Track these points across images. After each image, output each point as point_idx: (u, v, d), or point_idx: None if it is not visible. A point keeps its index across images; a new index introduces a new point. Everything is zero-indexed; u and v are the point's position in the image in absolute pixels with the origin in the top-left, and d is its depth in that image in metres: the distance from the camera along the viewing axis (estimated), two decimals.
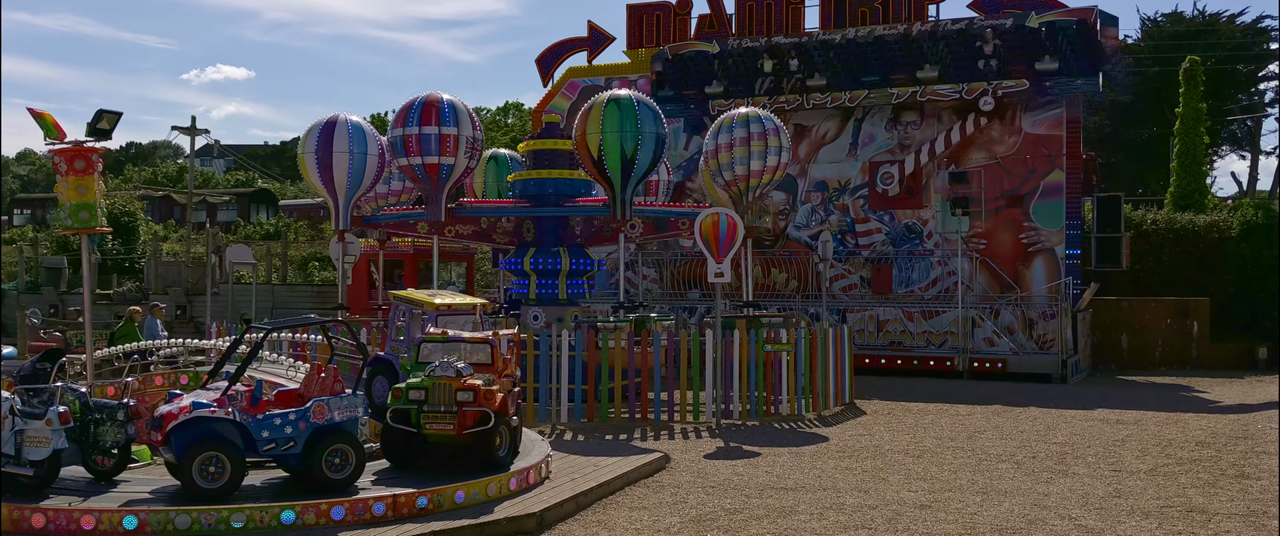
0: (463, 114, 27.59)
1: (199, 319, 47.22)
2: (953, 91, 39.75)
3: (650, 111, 27.32)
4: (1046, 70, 38.51)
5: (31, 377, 15.75)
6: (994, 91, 39.21)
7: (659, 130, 27.34)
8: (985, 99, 39.31)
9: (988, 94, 39.26)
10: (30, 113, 18.44)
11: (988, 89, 39.25)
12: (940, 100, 40.44)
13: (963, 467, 19.96)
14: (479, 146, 28.10)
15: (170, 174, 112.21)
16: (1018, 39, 38.65)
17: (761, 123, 29.14)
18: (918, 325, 38.99)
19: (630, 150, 26.92)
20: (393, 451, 16.82)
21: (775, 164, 29.19)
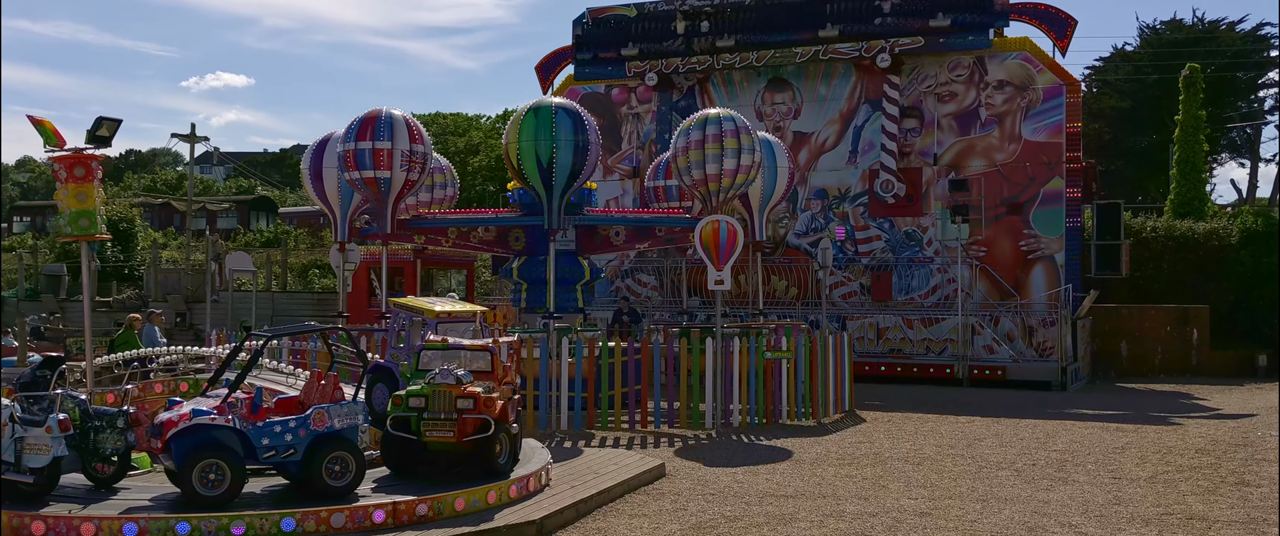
0: (399, 128, 27.84)
1: (199, 326, 47.18)
2: (852, 49, 41.16)
3: (569, 119, 27.13)
4: (939, 26, 40.06)
5: (31, 385, 15.76)
6: (891, 48, 40.60)
7: (579, 137, 27.14)
8: (882, 56, 40.75)
9: (885, 51, 40.67)
10: (30, 120, 18.43)
11: (885, 46, 40.68)
12: (840, 57, 41.69)
13: (963, 475, 19.96)
14: (420, 158, 28.23)
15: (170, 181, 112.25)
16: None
17: (720, 123, 28.73)
18: (917, 332, 38.99)
19: (546, 157, 26.97)
20: (393, 459, 16.81)
21: (735, 165, 28.66)
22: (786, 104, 42.75)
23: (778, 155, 29.80)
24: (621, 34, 44.46)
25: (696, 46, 43.05)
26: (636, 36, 44.20)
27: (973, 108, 40.21)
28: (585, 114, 27.77)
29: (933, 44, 40.34)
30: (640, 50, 43.85)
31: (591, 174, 28.03)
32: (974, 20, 39.77)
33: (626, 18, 44.52)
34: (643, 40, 44.02)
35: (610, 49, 44.54)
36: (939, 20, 39.91)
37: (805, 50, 41.76)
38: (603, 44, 44.69)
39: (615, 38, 44.53)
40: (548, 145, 26.83)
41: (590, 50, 44.87)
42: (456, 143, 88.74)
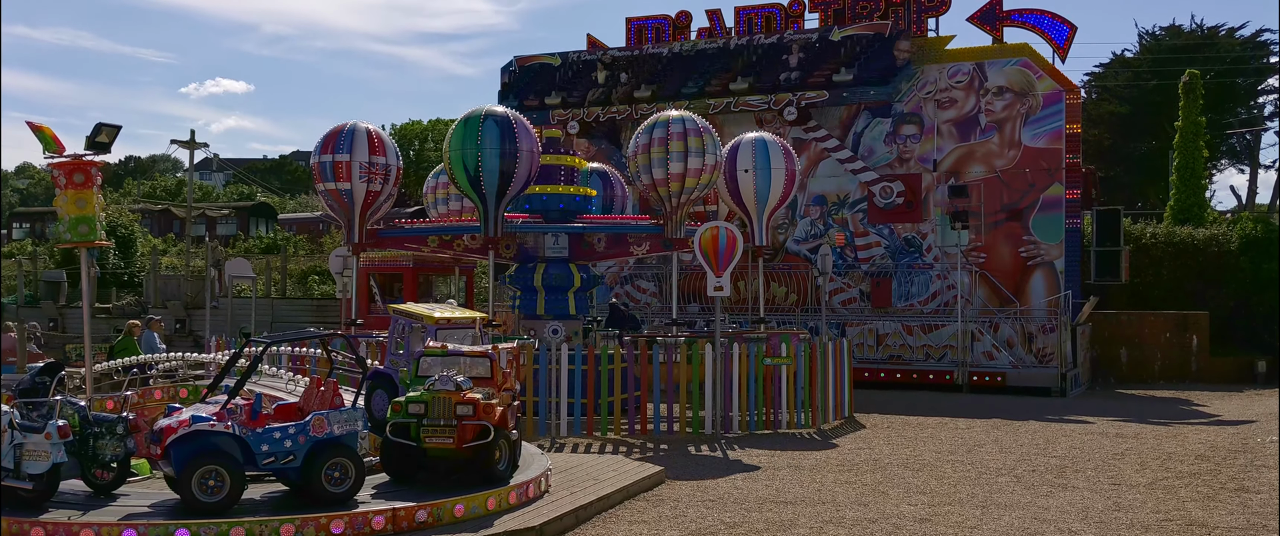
0: (360, 140, 28.07)
1: (198, 332, 47.21)
2: (762, 102, 41.82)
3: (497, 127, 27.17)
4: (843, 81, 40.95)
5: (31, 391, 15.74)
6: (798, 102, 41.37)
7: (507, 146, 27.14)
8: (789, 109, 41.53)
9: (791, 104, 41.46)
10: (29, 126, 18.46)
11: (792, 99, 41.46)
12: (750, 110, 42.30)
13: (962, 481, 19.96)
14: (381, 170, 28.36)
15: (169, 187, 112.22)
16: (820, 52, 41.76)
17: (667, 126, 28.52)
18: (917, 339, 39.02)
19: (472, 166, 27.09)
20: (392, 465, 16.80)
21: (683, 168, 28.30)
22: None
23: (773, 156, 29.44)
24: (546, 82, 45.55)
25: (615, 96, 44.02)
26: (560, 85, 45.26)
27: (972, 114, 40.21)
28: (520, 121, 27.81)
29: (836, 97, 41.28)
30: (563, 99, 44.68)
31: (527, 181, 27.92)
32: (876, 74, 40.68)
33: (551, 66, 45.83)
34: (565, 89, 44.98)
35: (535, 96, 45.24)
36: (842, 75, 40.91)
37: (717, 102, 42.42)
38: (528, 91, 45.47)
39: (540, 86, 45.51)
40: (474, 154, 27.02)
41: (516, 97, 45.25)
42: None
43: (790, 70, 41.51)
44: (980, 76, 40.19)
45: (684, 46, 43.67)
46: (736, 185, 29.41)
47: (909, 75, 40.65)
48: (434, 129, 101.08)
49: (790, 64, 41.58)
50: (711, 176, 28.42)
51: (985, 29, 40.56)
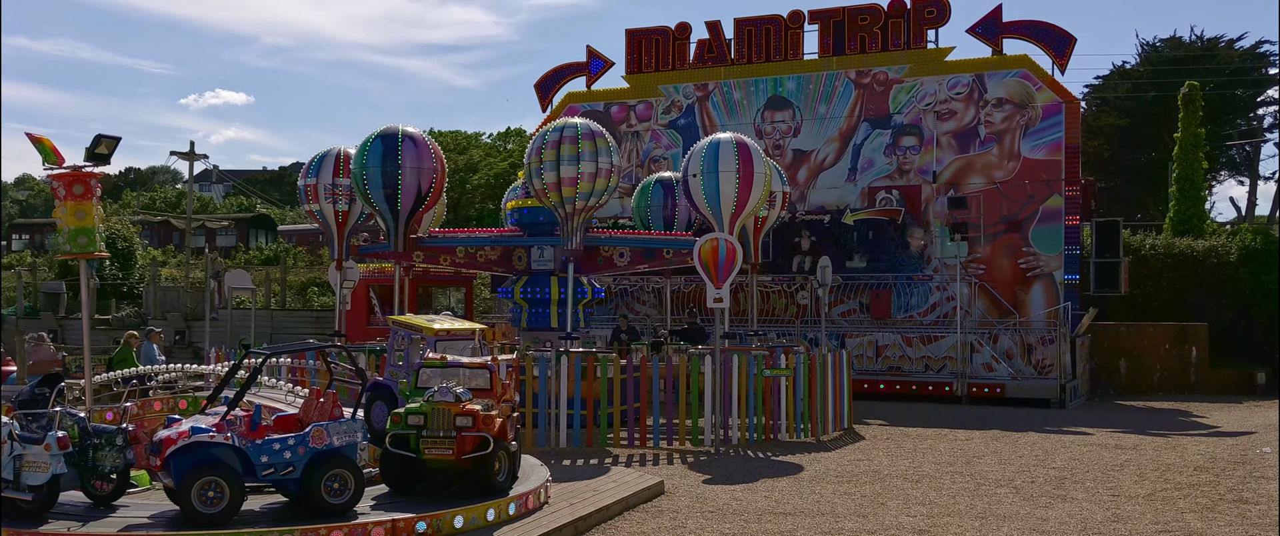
0: (326, 164, 29.61)
1: (198, 344, 47.21)
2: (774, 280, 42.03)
3: (381, 147, 28.00)
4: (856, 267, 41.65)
5: (30, 402, 15.77)
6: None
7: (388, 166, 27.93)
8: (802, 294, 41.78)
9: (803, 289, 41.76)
10: (29, 137, 18.45)
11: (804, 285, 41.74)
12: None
13: (961, 493, 19.97)
14: (346, 190, 29.38)
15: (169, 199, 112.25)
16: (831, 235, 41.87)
17: (562, 130, 28.52)
18: (916, 350, 38.99)
19: (361, 185, 28.05)
20: (392, 476, 16.82)
21: (575, 173, 28.13)
22: (786, 122, 42.79)
23: (722, 158, 28.46)
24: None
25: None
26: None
27: (972, 125, 40.25)
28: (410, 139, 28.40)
29: None
30: None
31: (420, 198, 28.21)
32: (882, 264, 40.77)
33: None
34: None
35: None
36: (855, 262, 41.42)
37: None
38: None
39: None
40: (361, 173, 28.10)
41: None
42: (455, 160, 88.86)
43: (803, 254, 41.60)
44: (980, 88, 40.23)
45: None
46: (689, 191, 28.90)
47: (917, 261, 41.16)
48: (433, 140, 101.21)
49: (802, 247, 41.71)
50: (609, 181, 28.43)
51: (984, 40, 40.57)
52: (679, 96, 44.41)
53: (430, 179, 28.38)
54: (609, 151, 28.50)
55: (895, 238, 40.54)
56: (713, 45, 44.41)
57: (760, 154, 28.22)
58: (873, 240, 40.68)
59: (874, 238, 40.69)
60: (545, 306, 29.69)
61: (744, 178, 27.52)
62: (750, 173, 27.51)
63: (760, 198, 28.33)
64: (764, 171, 27.96)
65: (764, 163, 28.17)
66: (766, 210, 32.99)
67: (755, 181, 27.79)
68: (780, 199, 34.35)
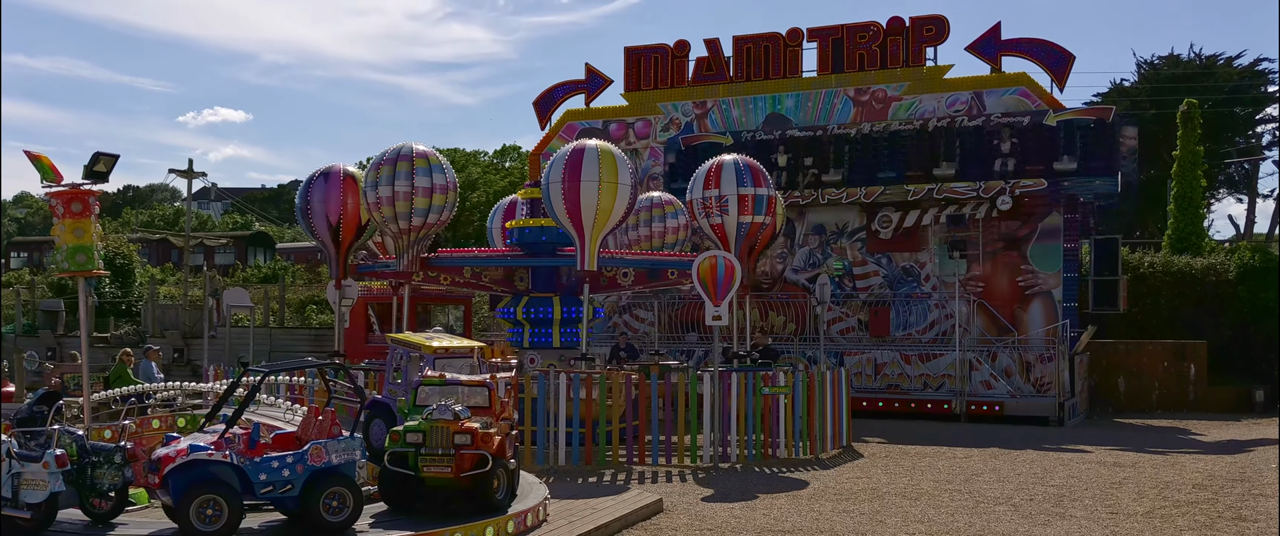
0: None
1: (196, 362, 47.22)
2: (969, 189, 39.02)
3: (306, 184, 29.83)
4: (1064, 170, 38.04)
5: (29, 420, 15.77)
6: (1011, 190, 38.55)
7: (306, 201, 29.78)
8: (1003, 198, 38.69)
9: (1005, 193, 38.63)
10: (27, 155, 18.47)
11: (1005, 187, 38.60)
12: (957, 197, 39.72)
13: (960, 510, 19.96)
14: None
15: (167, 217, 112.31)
16: (1035, 138, 38.41)
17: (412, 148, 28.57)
18: (915, 368, 38.97)
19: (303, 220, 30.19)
20: (390, 494, 16.80)
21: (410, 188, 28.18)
22: None
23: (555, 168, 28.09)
24: None
25: (801, 181, 41.07)
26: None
27: None
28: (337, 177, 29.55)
29: (1055, 187, 38.57)
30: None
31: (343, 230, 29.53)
32: (1098, 165, 38.00)
33: (720, 146, 40.81)
34: None
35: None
36: (1064, 164, 38.02)
37: (918, 188, 39.85)
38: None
39: None
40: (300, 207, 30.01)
41: (685, 178, 42.43)
42: None
43: (1004, 156, 38.94)
44: (979, 105, 40.24)
45: (874, 128, 40.68)
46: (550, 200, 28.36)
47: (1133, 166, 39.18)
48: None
49: (1002, 149, 38.90)
50: (445, 199, 28.46)
51: (984, 58, 40.62)
52: (678, 114, 44.43)
53: (339, 212, 29.14)
54: (443, 170, 28.58)
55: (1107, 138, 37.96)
56: (712, 63, 44.44)
57: (626, 163, 27.74)
58: (1082, 140, 38.07)
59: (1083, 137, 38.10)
60: (548, 326, 29.69)
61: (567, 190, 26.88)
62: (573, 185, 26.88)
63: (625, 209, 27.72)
64: (629, 182, 27.54)
65: (630, 172, 27.74)
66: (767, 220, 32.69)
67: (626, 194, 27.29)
68: (779, 215, 34.13)
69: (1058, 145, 38.06)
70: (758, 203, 27.97)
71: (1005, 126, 38.81)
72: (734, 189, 27.91)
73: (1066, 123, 38.10)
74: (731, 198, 27.89)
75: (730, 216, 28.09)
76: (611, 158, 26.80)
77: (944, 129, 39.45)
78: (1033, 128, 38.43)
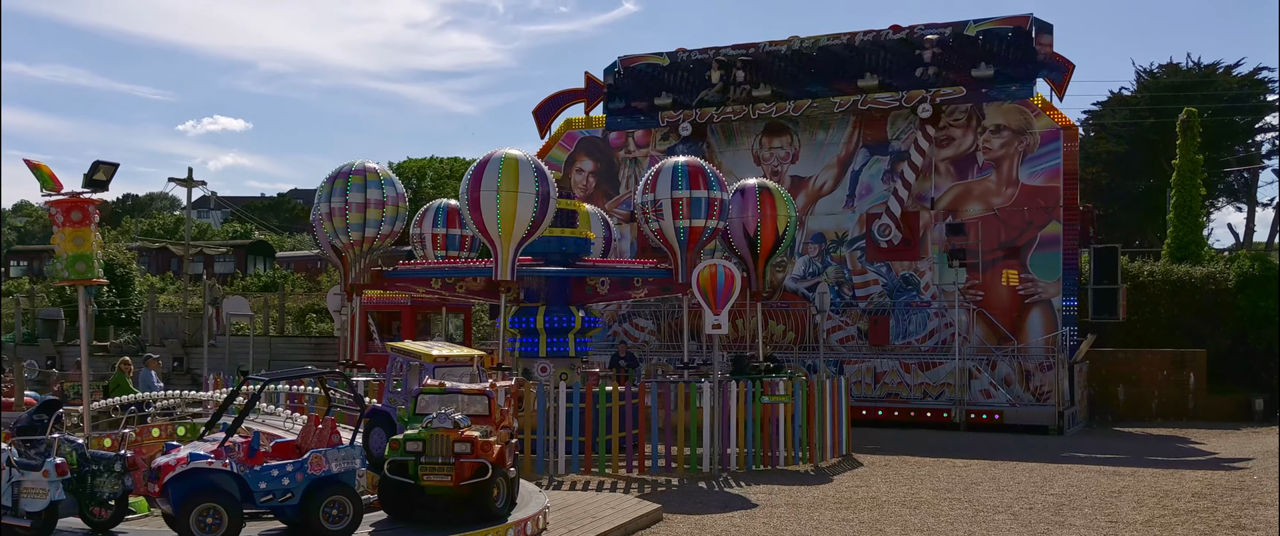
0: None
1: (196, 370, 47.16)
2: (893, 99, 40.59)
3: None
4: (983, 77, 39.42)
5: (29, 429, 15.76)
6: (932, 98, 40.07)
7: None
8: (923, 106, 40.22)
9: (926, 101, 40.14)
10: (26, 164, 18.49)
11: (926, 96, 40.13)
12: (880, 108, 41.23)
13: (959, 519, 19.97)
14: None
15: (167, 225, 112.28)
16: (956, 47, 39.93)
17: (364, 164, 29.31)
18: (914, 377, 38.98)
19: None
20: (390, 503, 16.80)
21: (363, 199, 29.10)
22: (785, 149, 42.83)
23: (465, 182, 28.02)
24: (654, 83, 44.12)
25: (733, 96, 42.68)
26: (670, 86, 43.85)
27: (970, 152, 40.30)
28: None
29: (975, 94, 39.88)
30: (674, 99, 43.45)
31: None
32: (1017, 72, 39.24)
33: (659, 66, 44.11)
34: (677, 90, 43.70)
35: (643, 98, 44.23)
36: (982, 70, 39.36)
37: (844, 100, 41.44)
38: (635, 93, 44.42)
39: (648, 87, 44.21)
40: None
41: (623, 98, 44.60)
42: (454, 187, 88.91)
43: (925, 66, 40.27)
44: (978, 114, 40.26)
45: (804, 42, 42.31)
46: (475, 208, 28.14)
47: (1053, 71, 39.64)
48: (431, 166, 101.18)
49: (924, 60, 40.26)
50: (394, 210, 28.72)
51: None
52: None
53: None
54: (392, 184, 28.86)
55: (1024, 46, 39.25)
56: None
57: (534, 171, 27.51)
58: (1000, 49, 39.39)
59: (1001, 46, 39.42)
60: (534, 335, 29.66)
61: (543, 197, 26.78)
62: (547, 193, 26.76)
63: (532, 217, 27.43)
64: (556, 196, 27.44)
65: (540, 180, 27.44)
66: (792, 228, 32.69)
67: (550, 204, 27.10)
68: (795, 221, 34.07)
69: (977, 53, 39.50)
70: (695, 206, 27.80)
71: (928, 35, 40.29)
72: (668, 193, 27.78)
73: (986, 31, 39.74)
74: (665, 202, 27.75)
75: (666, 221, 27.95)
76: (514, 165, 26.30)
77: (870, 43, 41.25)
78: (954, 37, 40.03)
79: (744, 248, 30.93)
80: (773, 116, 42.44)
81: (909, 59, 40.58)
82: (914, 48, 40.48)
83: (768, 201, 30.49)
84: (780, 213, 30.51)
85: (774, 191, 30.78)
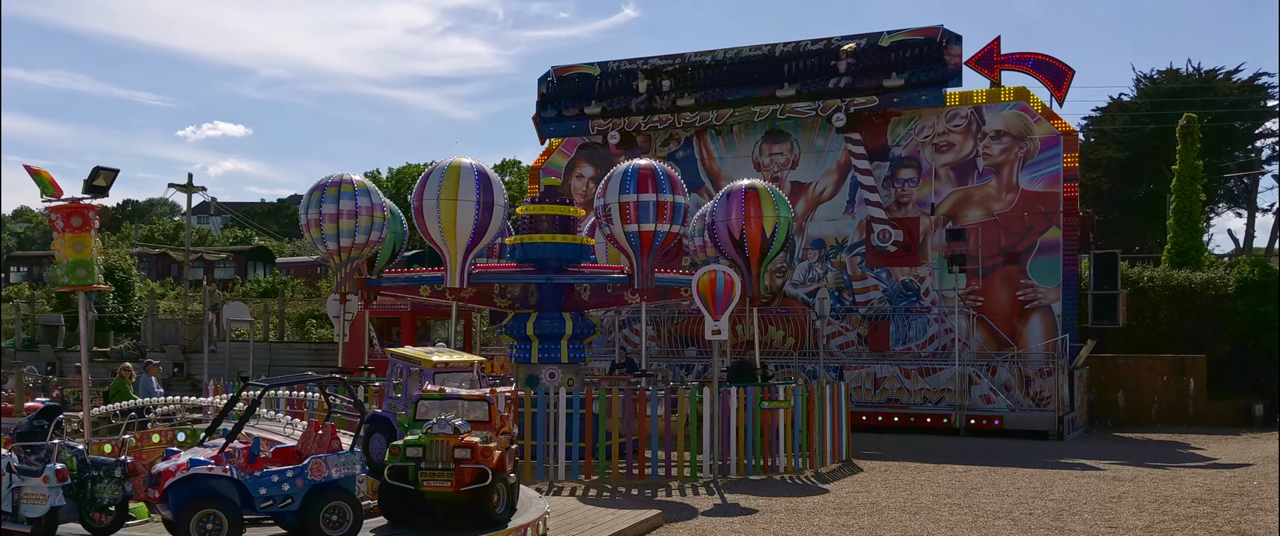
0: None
1: (196, 376, 47.20)
2: (809, 108, 41.20)
3: None
4: (894, 87, 40.40)
5: (29, 435, 15.77)
6: (847, 107, 40.95)
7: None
8: (838, 115, 41.01)
9: (841, 110, 40.99)
10: (27, 170, 18.49)
11: (841, 105, 41.01)
12: (798, 117, 42.11)
13: (959, 524, 19.96)
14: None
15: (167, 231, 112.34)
16: (870, 57, 40.98)
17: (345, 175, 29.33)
18: (915, 382, 38.94)
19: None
20: (390, 508, 16.81)
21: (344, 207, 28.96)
22: (784, 155, 42.84)
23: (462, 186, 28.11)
24: (585, 92, 45.29)
25: (658, 104, 43.63)
26: (600, 95, 44.90)
27: (970, 157, 40.29)
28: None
29: (887, 102, 40.83)
30: (603, 108, 44.30)
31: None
32: (928, 79, 40.22)
33: (590, 76, 45.45)
34: (605, 98, 44.62)
35: (574, 106, 45.28)
36: (893, 80, 40.38)
37: (763, 108, 42.31)
38: (567, 101, 45.52)
39: (579, 95, 45.33)
40: None
41: (555, 107, 45.75)
42: None
43: (840, 76, 41.16)
44: (978, 120, 40.27)
45: (727, 53, 43.34)
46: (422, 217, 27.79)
47: (958, 81, 40.42)
48: None
49: (839, 70, 41.21)
50: (372, 220, 28.90)
51: (983, 72, 40.62)
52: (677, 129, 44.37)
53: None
54: (371, 194, 28.99)
55: (935, 57, 40.17)
56: None
57: (500, 183, 27.81)
58: (911, 59, 40.42)
59: (913, 57, 40.44)
60: (527, 342, 29.61)
61: (485, 205, 26.97)
62: (490, 201, 26.97)
63: (473, 224, 27.53)
64: (503, 203, 27.53)
65: (503, 192, 27.72)
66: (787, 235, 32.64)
67: (495, 211, 27.29)
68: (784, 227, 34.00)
69: (888, 63, 40.56)
70: (642, 210, 27.71)
71: (842, 46, 41.40)
72: (616, 197, 27.72)
73: (898, 42, 40.75)
74: (614, 206, 27.69)
75: (615, 226, 27.88)
76: (455, 173, 26.63)
77: (789, 52, 42.37)
78: (868, 48, 41.13)
79: (731, 251, 30.81)
80: (696, 125, 43.25)
81: (826, 69, 41.63)
82: (831, 58, 41.61)
83: (753, 202, 30.30)
84: (767, 213, 30.36)
85: (761, 191, 30.60)
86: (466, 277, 27.26)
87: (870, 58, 40.90)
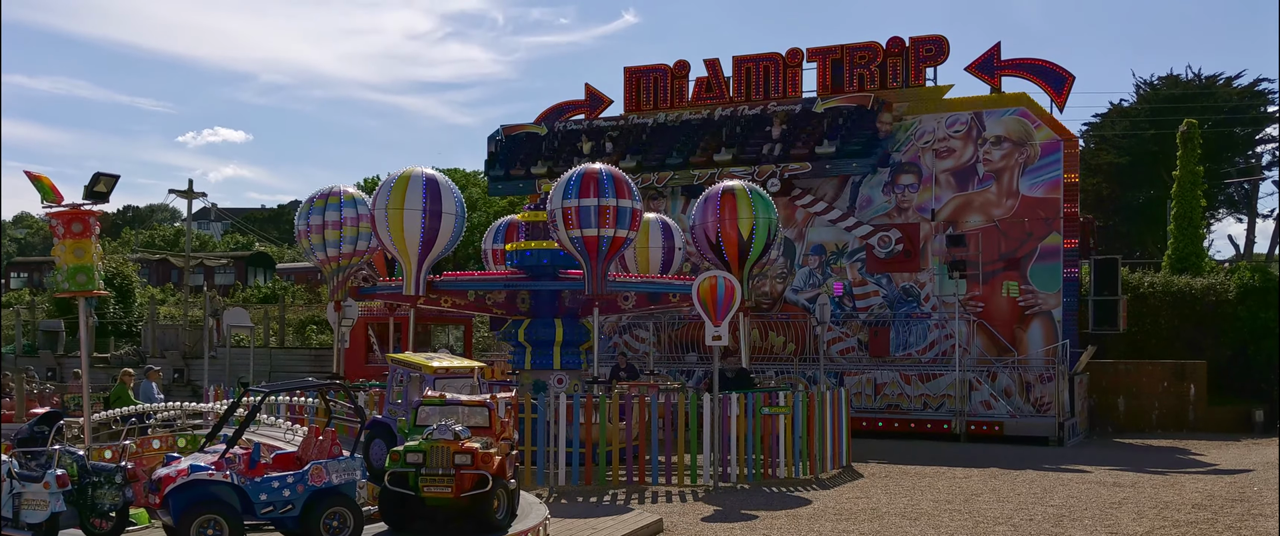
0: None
1: (196, 382, 47.19)
2: (745, 173, 40.37)
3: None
4: (825, 153, 41.33)
5: (29, 440, 15.76)
6: (780, 173, 41.65)
7: None
8: (772, 180, 41.30)
9: (774, 176, 41.59)
10: (27, 175, 18.48)
11: (775, 171, 41.71)
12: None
13: (959, 530, 19.96)
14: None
15: (167, 237, 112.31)
16: (803, 124, 41.89)
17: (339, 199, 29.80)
18: (915, 388, 38.97)
19: None
20: (390, 514, 16.81)
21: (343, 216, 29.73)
22: None
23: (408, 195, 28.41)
24: (532, 151, 46.11)
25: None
26: (546, 154, 45.58)
27: (970, 163, 40.32)
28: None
29: (819, 169, 41.64)
30: (548, 169, 44.22)
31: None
32: (858, 146, 41.01)
33: (537, 135, 46.39)
34: (551, 158, 45.01)
35: (520, 165, 46.17)
36: (825, 147, 41.23)
37: (702, 172, 42.67)
38: (514, 160, 46.47)
39: (526, 155, 46.16)
40: None
41: (503, 165, 46.79)
42: None
43: (773, 142, 41.93)
44: (978, 126, 40.30)
45: (668, 117, 44.22)
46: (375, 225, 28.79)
47: (892, 144, 41.08)
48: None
49: (773, 135, 41.99)
50: (358, 228, 29.26)
51: (983, 78, 40.70)
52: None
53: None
54: (354, 204, 29.39)
55: (866, 124, 40.98)
56: (711, 83, 44.47)
57: (453, 191, 28.14)
58: (843, 125, 41.16)
59: (844, 123, 41.16)
60: (549, 347, 29.65)
61: (432, 214, 27.38)
62: (438, 210, 27.42)
63: (421, 233, 27.77)
64: (453, 211, 27.75)
65: (455, 200, 28.03)
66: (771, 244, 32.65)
67: (444, 220, 27.65)
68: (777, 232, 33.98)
69: (822, 131, 41.41)
70: (583, 214, 27.68)
71: (778, 114, 42.42)
72: (559, 203, 27.72)
73: (831, 109, 41.61)
74: (557, 212, 27.70)
75: (560, 231, 27.87)
76: (403, 183, 27.72)
77: (727, 117, 43.37)
78: (802, 115, 42.09)
79: (710, 254, 30.85)
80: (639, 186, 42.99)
81: (761, 134, 42.49)
82: (766, 124, 42.53)
83: (727, 204, 30.28)
84: (743, 215, 30.32)
85: (738, 193, 30.51)
86: (423, 284, 27.77)
87: (804, 124, 41.87)
